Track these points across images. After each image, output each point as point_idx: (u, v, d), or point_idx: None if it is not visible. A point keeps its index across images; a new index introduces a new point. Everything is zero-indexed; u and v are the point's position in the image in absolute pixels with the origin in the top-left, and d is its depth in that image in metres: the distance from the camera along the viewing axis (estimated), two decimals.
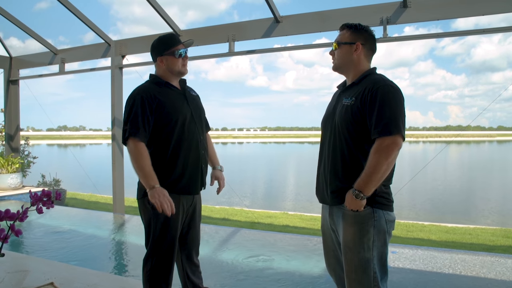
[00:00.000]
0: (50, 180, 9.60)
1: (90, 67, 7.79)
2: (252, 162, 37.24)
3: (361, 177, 1.91)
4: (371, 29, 2.17)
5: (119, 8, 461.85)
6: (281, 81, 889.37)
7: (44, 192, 1.13)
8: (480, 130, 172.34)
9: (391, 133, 1.88)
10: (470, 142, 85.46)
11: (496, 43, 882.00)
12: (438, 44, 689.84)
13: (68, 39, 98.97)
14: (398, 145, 1.89)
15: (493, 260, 4.15)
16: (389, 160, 1.88)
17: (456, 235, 7.49)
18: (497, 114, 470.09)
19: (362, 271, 1.96)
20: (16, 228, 1.05)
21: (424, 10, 4.88)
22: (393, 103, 1.93)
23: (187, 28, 6.56)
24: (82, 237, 5.31)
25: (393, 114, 1.91)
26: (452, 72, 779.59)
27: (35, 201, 1.12)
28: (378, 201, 1.98)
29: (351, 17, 5.23)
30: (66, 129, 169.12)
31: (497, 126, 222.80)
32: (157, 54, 2.52)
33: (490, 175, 24.94)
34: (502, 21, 5.50)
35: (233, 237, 5.30)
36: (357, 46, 2.11)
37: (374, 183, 1.90)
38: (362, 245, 1.96)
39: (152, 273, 2.39)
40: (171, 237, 2.40)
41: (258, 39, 5.77)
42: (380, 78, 2.04)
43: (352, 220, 2.00)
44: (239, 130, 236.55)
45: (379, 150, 1.88)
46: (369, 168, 1.89)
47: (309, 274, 3.89)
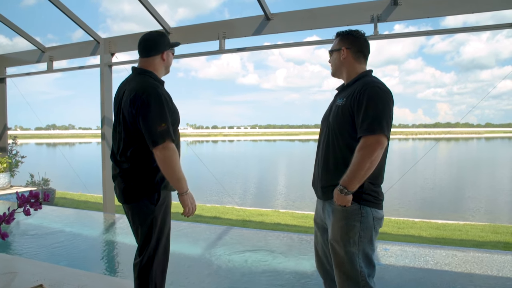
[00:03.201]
0: (39, 179, 9.49)
1: (78, 65, 7.71)
2: (243, 160, 37.21)
3: (346, 174, 2.01)
4: (361, 33, 2.28)
5: (108, 5, 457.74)
6: (272, 79, 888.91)
7: (31, 193, 1.10)
8: (469, 127, 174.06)
9: (374, 132, 1.97)
10: (458, 139, 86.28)
11: (485, 41, 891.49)
12: (428, 42, 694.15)
13: (56, 37, 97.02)
14: (381, 144, 1.98)
15: (484, 256, 4.18)
16: (372, 158, 1.96)
17: (446, 232, 7.55)
18: (485, 112, 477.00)
19: (349, 265, 2.07)
20: (2, 231, 1.02)
21: (414, 8, 4.88)
22: (378, 104, 2.02)
23: (177, 25, 6.50)
24: (72, 237, 5.24)
25: (377, 114, 2.00)
26: (441, 70, 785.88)
27: (22, 203, 1.08)
28: (366, 199, 2.08)
29: (342, 15, 5.23)
30: (55, 128, 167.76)
31: (485, 123, 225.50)
32: (163, 48, 2.45)
33: (478, 172, 25.21)
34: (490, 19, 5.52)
35: (225, 236, 5.27)
36: (342, 51, 2.25)
37: (358, 179, 1.99)
38: (348, 240, 2.07)
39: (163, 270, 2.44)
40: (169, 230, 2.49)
41: (248, 36, 5.73)
42: (370, 80, 2.14)
43: (340, 215, 2.11)
44: (229, 128, 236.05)
45: (363, 148, 1.98)
46: (353, 165, 1.99)
47: (303, 273, 3.88)
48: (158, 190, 2.36)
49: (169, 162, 2.20)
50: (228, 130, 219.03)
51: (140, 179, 2.35)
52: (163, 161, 2.20)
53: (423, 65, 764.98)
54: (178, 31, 6.34)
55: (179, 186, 2.25)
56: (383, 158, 2.09)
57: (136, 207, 2.40)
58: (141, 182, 2.35)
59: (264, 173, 26.07)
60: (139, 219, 2.40)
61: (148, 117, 2.20)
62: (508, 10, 4.68)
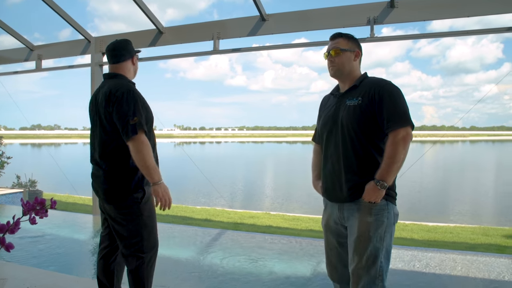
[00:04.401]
0: (26, 180, 9.28)
1: (66, 64, 7.56)
2: (230, 162, 37.12)
3: (382, 168, 2.04)
4: None
5: (96, 5, 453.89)
6: (260, 80, 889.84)
7: (37, 200, 1.01)
8: (454, 130, 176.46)
9: (403, 125, 2.04)
10: (444, 142, 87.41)
11: (470, 45, 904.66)
12: (415, 46, 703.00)
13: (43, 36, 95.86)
14: (410, 134, 2.06)
15: (479, 259, 4.17)
16: (406, 150, 2.04)
17: (437, 234, 7.58)
18: (470, 115, 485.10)
19: (372, 261, 2.07)
20: (7, 241, 0.93)
21: (411, 11, 4.87)
22: (401, 99, 2.11)
23: (166, 26, 6.37)
24: (61, 241, 5.10)
25: (403, 108, 2.08)
26: (428, 73, 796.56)
27: (27, 210, 1.00)
28: (390, 195, 2.12)
29: (338, 16, 5.19)
30: (40, 128, 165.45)
31: (469, 127, 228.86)
32: (132, 53, 2.59)
33: (464, 175, 25.53)
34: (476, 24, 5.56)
35: (219, 239, 5.18)
36: (357, 53, 2.29)
37: (394, 172, 2.04)
38: (376, 236, 2.07)
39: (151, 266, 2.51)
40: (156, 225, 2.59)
41: (244, 37, 5.66)
42: (380, 78, 2.23)
43: (369, 212, 2.11)
44: (217, 130, 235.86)
45: (396, 142, 2.02)
46: (389, 158, 2.02)
47: (300, 276, 3.83)
48: (142, 186, 2.43)
49: (141, 153, 2.29)
50: (216, 131, 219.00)
51: (122, 178, 2.41)
52: (135, 152, 2.29)
53: (410, 68, 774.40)
54: (172, 31, 6.24)
55: (150, 176, 2.32)
56: None
57: (121, 206, 2.43)
58: (123, 181, 2.41)
59: (251, 175, 26.05)
60: (126, 218, 2.44)
61: (121, 111, 2.31)
62: (496, 15, 4.76)
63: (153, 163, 2.33)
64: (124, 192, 2.41)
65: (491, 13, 4.68)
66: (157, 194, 2.32)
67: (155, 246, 2.55)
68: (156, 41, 6.27)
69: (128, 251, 2.47)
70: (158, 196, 2.32)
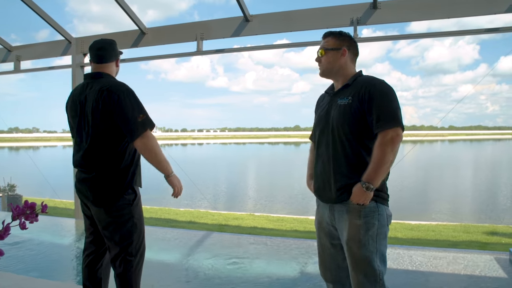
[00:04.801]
0: (4, 185, 9.05)
1: (44, 65, 7.42)
2: (213, 164, 36.99)
3: (369, 170, 2.00)
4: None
5: (75, 5, 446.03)
6: (241, 82, 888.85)
7: (27, 204, 0.98)
8: (433, 129, 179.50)
9: (393, 125, 1.99)
10: (424, 142, 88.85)
11: (448, 46, 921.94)
12: (394, 47, 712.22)
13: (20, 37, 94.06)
14: (400, 136, 2.01)
15: (462, 256, 4.25)
16: (394, 152, 2.00)
17: (420, 232, 7.69)
18: (449, 115, 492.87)
19: (368, 264, 2.03)
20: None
21: (393, 12, 4.93)
22: (391, 98, 2.06)
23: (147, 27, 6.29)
24: (43, 246, 4.98)
25: (393, 108, 2.03)
26: (407, 74, 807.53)
27: (16, 215, 0.97)
28: (380, 196, 2.09)
29: (322, 17, 5.22)
30: (18, 131, 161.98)
31: (448, 126, 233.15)
32: (117, 55, 2.56)
33: (443, 173, 25.97)
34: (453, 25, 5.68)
35: (205, 242, 5.15)
36: (343, 51, 2.23)
37: (382, 174, 2.00)
38: (368, 239, 2.04)
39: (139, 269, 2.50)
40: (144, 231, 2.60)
41: (227, 38, 5.65)
42: (372, 77, 2.16)
43: (358, 214, 2.06)
44: (199, 131, 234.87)
45: (384, 143, 1.98)
46: (377, 160, 1.98)
47: (287, 277, 3.83)
48: (132, 187, 2.43)
49: (152, 149, 2.32)
50: (198, 133, 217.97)
51: (113, 180, 2.38)
52: (146, 149, 2.31)
53: (390, 69, 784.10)
54: (154, 32, 6.17)
55: (165, 169, 2.39)
56: None
57: (112, 209, 2.40)
58: (114, 183, 2.38)
59: (234, 176, 26.02)
60: (117, 221, 2.41)
61: (126, 110, 2.28)
62: (472, 17, 4.87)
63: (164, 156, 2.39)
64: (115, 194, 2.38)
65: (470, 15, 4.78)
66: (174, 185, 2.42)
67: (143, 249, 2.53)
68: (139, 42, 6.20)
69: (117, 255, 2.43)
70: (176, 186, 2.43)
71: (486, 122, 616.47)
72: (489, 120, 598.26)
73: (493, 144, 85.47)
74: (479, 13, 4.69)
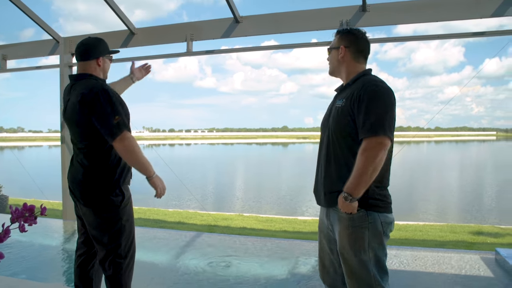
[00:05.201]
0: None
1: (29, 65, 7.34)
2: (200, 164, 36.88)
3: (350, 180, 1.91)
4: (361, 31, 2.18)
5: (61, 4, 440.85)
6: (229, 82, 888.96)
7: (25, 207, 0.98)
8: (419, 131, 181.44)
9: (377, 133, 1.87)
10: (410, 143, 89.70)
11: (434, 48, 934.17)
12: (381, 49, 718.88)
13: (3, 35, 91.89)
14: (384, 145, 1.88)
15: (450, 255, 4.31)
16: (375, 161, 1.86)
17: (408, 232, 7.77)
18: (435, 116, 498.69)
19: (361, 272, 1.96)
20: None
21: (382, 15, 5.00)
22: (379, 104, 1.93)
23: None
24: (30, 247, 4.92)
25: (379, 115, 1.90)
26: (394, 76, 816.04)
27: (15, 218, 0.97)
28: (372, 204, 1.97)
29: (311, 19, 5.27)
30: (2, 130, 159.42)
31: (434, 127, 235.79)
32: (99, 54, 2.52)
33: (430, 174, 26.29)
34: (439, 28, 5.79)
35: (194, 242, 5.14)
36: (341, 49, 2.15)
37: (363, 185, 1.88)
38: (358, 248, 1.96)
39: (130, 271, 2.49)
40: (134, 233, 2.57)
41: (217, 39, 5.66)
42: (370, 79, 2.05)
43: (346, 223, 1.99)
44: (186, 132, 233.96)
45: (365, 151, 1.87)
46: (357, 170, 1.88)
47: (277, 277, 3.84)
48: (119, 186, 2.40)
49: (131, 150, 2.29)
50: (186, 133, 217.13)
51: (100, 180, 2.38)
52: (125, 151, 2.28)
53: (377, 70, 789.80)
54: (144, 32, 6.15)
55: (146, 170, 2.34)
56: (388, 160, 2.01)
57: (100, 211, 2.40)
58: (101, 183, 2.38)
59: (222, 177, 25.98)
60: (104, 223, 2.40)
61: (101, 112, 2.27)
62: (460, 21, 4.96)
63: (145, 158, 2.34)
64: (102, 194, 2.37)
65: (457, 19, 4.88)
66: (156, 186, 2.37)
67: (133, 251, 2.52)
68: (128, 42, 6.17)
69: (106, 257, 2.42)
70: (158, 187, 2.38)
71: (471, 123, 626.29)
72: (474, 122, 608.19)
73: (478, 145, 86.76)
74: (466, 17, 4.79)
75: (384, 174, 2.01)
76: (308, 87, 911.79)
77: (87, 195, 2.41)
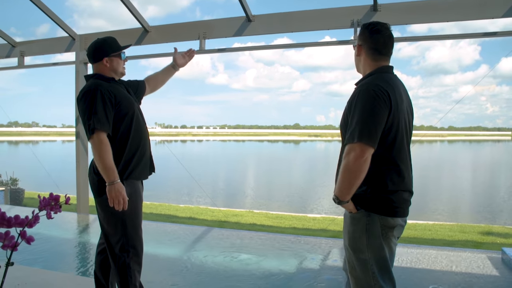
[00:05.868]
0: (7, 179, 9.14)
1: (43, 61, 7.51)
2: (212, 161, 37.11)
3: (336, 183, 1.95)
4: (378, 27, 2.08)
5: (76, 0, 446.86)
6: (242, 79, 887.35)
7: (52, 196, 1.08)
8: (433, 130, 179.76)
9: (353, 140, 1.86)
10: (423, 142, 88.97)
11: (449, 47, 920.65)
12: (396, 47, 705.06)
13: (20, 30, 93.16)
14: (361, 152, 1.84)
15: (458, 254, 4.35)
16: (352, 167, 1.86)
17: (417, 231, 7.80)
18: (448, 115, 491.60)
19: (360, 270, 2.00)
20: (28, 235, 1.00)
21: (393, 14, 5.02)
22: (361, 110, 1.90)
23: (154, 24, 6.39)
24: (45, 239, 5.07)
25: (359, 121, 1.87)
26: (408, 74, 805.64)
27: (43, 206, 1.07)
28: (372, 206, 1.97)
29: (323, 19, 5.32)
30: (17, 125, 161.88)
31: (448, 127, 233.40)
32: (103, 55, 2.57)
33: (442, 173, 26.11)
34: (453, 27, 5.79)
35: (205, 237, 5.26)
36: (357, 47, 2.13)
37: (345, 189, 1.90)
38: (356, 247, 2.01)
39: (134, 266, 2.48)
40: (141, 224, 2.58)
41: (230, 37, 5.74)
42: (368, 81, 2.01)
43: (348, 221, 2.06)
44: (198, 128, 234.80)
45: (344, 157, 1.89)
46: (339, 175, 1.93)
47: (286, 272, 3.92)
48: (121, 180, 2.41)
49: (95, 152, 2.36)
50: (197, 130, 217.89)
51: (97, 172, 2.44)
52: (92, 151, 2.37)
53: None
54: (158, 30, 6.27)
55: (106, 175, 2.35)
56: (385, 165, 1.96)
57: (101, 201, 2.46)
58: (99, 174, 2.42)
59: (233, 174, 26.13)
60: (105, 214, 2.48)
61: (82, 112, 2.41)
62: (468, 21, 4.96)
63: (109, 163, 2.34)
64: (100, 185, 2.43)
65: (469, 19, 4.90)
66: (109, 194, 2.34)
67: (137, 245, 2.52)
68: (142, 40, 6.29)
69: (108, 248, 2.51)
70: (111, 197, 2.34)
71: (485, 123, 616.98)
72: (489, 121, 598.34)
73: (492, 145, 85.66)
74: (477, 17, 4.80)
75: (384, 178, 1.97)
76: (321, 84, 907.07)
77: (91, 185, 2.52)
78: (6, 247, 1.02)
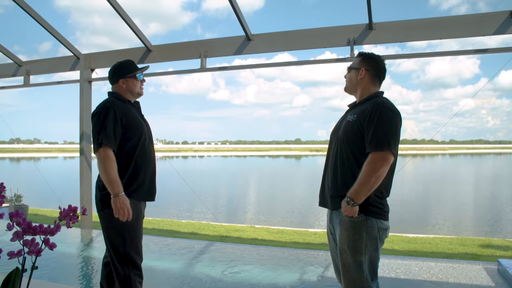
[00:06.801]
0: (11, 195, 9.25)
1: (46, 80, 7.69)
2: (214, 176, 37.15)
3: (354, 187, 2.16)
4: (381, 58, 2.43)
5: (78, 18, 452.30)
6: (243, 95, 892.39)
7: (70, 208, 1.21)
8: (434, 143, 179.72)
9: (382, 149, 2.12)
10: (424, 155, 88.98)
11: (448, 61, 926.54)
12: (395, 61, 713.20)
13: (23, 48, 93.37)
14: (387, 160, 2.13)
15: (455, 266, 4.43)
16: (377, 173, 2.11)
17: (417, 245, 7.85)
18: (449, 129, 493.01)
19: (356, 272, 2.18)
20: (51, 241, 1.12)
21: (387, 33, 5.21)
22: (387, 123, 2.17)
23: (156, 43, 6.56)
24: (51, 253, 5.16)
25: (386, 133, 2.15)
26: (408, 88, 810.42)
27: (62, 216, 1.19)
28: (371, 210, 2.20)
29: (320, 37, 5.50)
30: (19, 141, 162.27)
31: (449, 140, 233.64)
32: (120, 76, 2.77)
33: (444, 187, 26.09)
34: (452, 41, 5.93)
35: (207, 251, 5.34)
36: (362, 71, 2.40)
37: (364, 192, 2.13)
38: (356, 249, 2.19)
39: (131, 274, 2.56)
40: (141, 239, 2.68)
41: (230, 55, 5.91)
42: (381, 100, 2.29)
43: (347, 225, 2.23)
44: (200, 144, 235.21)
45: (370, 164, 2.12)
46: (360, 179, 2.13)
47: (287, 285, 4.00)
48: None
49: (100, 165, 2.48)
50: (199, 145, 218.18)
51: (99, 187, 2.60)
52: (98, 164, 2.49)
53: (391, 83, 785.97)
54: (160, 49, 6.45)
55: (110, 188, 2.46)
56: (390, 173, 2.24)
57: (100, 215, 2.60)
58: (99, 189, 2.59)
59: (235, 189, 26.17)
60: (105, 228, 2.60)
61: (93, 127, 2.57)
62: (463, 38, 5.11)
63: (114, 176, 2.46)
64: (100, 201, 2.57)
65: (461, 36, 5.04)
66: (114, 206, 2.45)
67: (136, 258, 2.61)
68: (145, 59, 6.48)
69: (112, 260, 2.61)
70: (116, 208, 2.45)
71: (487, 136, 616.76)
72: (490, 134, 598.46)
73: (494, 158, 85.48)
74: (470, 34, 4.96)
75: (386, 185, 2.25)
76: (321, 100, 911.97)
77: (96, 201, 2.65)
78: (32, 253, 1.14)
